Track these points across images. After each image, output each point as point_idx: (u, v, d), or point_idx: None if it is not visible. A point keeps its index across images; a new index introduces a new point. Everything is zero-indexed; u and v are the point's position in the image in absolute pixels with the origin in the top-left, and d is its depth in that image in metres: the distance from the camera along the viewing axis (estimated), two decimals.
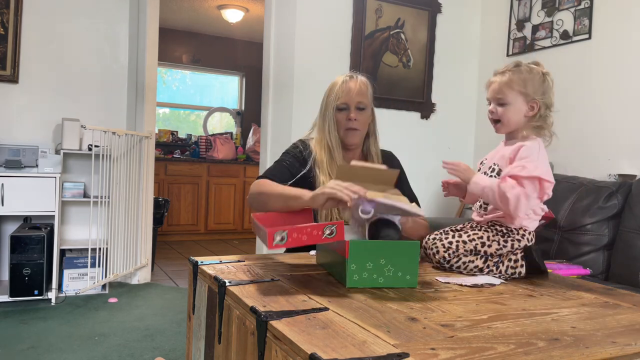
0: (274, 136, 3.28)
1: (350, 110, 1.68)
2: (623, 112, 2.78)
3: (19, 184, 3.00)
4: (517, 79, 1.35)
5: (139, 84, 3.63)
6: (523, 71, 1.35)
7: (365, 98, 1.69)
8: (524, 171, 1.27)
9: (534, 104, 1.36)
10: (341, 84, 1.69)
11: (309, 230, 1.06)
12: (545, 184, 1.30)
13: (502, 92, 1.36)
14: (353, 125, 1.68)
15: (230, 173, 5.92)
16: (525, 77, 1.35)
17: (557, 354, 0.77)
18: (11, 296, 2.95)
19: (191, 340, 1.31)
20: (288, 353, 0.77)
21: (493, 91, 1.38)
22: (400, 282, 1.13)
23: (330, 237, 1.07)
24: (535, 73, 1.36)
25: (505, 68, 1.38)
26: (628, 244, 2.33)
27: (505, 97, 1.36)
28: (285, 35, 3.22)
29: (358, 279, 1.11)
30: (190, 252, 4.96)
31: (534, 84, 1.35)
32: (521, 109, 1.36)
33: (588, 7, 2.95)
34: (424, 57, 3.56)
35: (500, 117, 1.38)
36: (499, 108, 1.37)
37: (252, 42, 6.54)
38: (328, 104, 1.70)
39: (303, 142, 1.77)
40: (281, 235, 1.03)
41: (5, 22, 3.25)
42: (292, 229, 1.05)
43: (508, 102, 1.36)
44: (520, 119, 1.37)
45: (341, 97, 1.67)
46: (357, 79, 1.70)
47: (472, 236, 1.34)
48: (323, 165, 1.68)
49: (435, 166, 3.63)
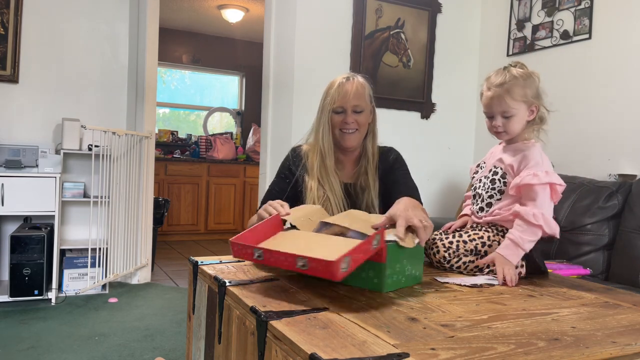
0: (274, 136, 3.28)
1: (346, 113, 1.65)
2: (623, 112, 2.78)
3: (19, 184, 3.00)
4: (518, 89, 1.33)
5: (139, 84, 3.63)
6: (519, 79, 1.33)
7: (362, 100, 1.66)
8: (535, 179, 1.28)
9: (533, 108, 1.36)
10: (337, 87, 1.65)
11: (362, 247, 1.01)
12: (558, 187, 1.31)
13: (506, 104, 1.33)
14: (349, 127, 1.65)
15: (230, 173, 5.92)
16: (523, 84, 1.33)
17: (557, 354, 0.77)
18: (11, 296, 2.95)
19: (191, 340, 1.31)
20: (288, 353, 0.77)
21: (496, 105, 1.35)
22: (414, 279, 1.17)
23: (376, 247, 1.04)
24: (529, 77, 1.35)
25: (502, 80, 1.34)
26: (628, 244, 2.33)
27: (510, 109, 1.34)
28: (285, 35, 3.22)
29: (391, 283, 1.11)
30: (190, 252, 4.96)
31: (532, 89, 1.34)
32: (524, 116, 1.36)
33: (588, 7, 2.95)
34: (424, 57, 3.56)
35: (506, 129, 1.36)
36: (503, 120, 1.36)
37: (252, 42, 6.54)
38: (324, 107, 1.67)
39: (294, 150, 1.77)
40: (346, 262, 0.97)
41: (5, 22, 3.25)
42: (350, 252, 0.99)
43: (513, 113, 1.34)
44: (523, 126, 1.37)
45: (337, 101, 1.64)
46: (354, 80, 1.66)
47: (473, 236, 1.34)
48: (313, 171, 1.66)
49: (435, 166, 3.65)
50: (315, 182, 1.64)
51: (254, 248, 1.07)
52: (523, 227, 1.27)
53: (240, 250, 1.10)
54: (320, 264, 0.96)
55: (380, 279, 1.09)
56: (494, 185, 1.38)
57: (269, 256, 1.04)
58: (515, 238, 1.26)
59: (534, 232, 1.27)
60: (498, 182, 1.38)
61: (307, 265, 0.97)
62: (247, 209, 5.99)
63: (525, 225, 1.27)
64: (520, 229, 1.27)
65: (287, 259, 1.02)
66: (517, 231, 1.27)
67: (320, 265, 0.96)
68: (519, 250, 1.26)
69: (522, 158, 1.34)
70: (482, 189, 1.42)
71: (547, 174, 1.29)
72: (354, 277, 1.11)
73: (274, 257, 1.04)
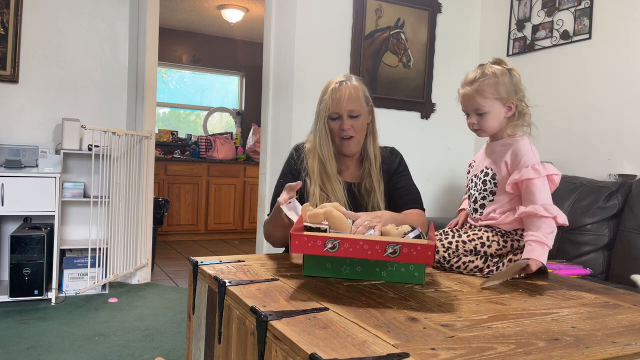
0: (274, 136, 3.28)
1: (342, 119, 1.62)
2: (623, 112, 2.78)
3: (19, 184, 3.00)
4: (488, 87, 1.33)
5: (139, 84, 3.63)
6: (491, 76, 1.34)
7: (358, 104, 1.63)
8: (535, 173, 1.28)
9: (510, 104, 1.36)
10: (330, 92, 1.62)
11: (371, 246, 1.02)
12: (555, 177, 1.32)
13: (477, 102, 1.35)
14: (347, 134, 1.63)
15: (230, 173, 5.92)
16: (494, 81, 1.34)
17: (557, 354, 0.77)
18: (11, 296, 2.95)
19: (191, 340, 1.31)
20: (288, 353, 0.77)
21: (468, 103, 1.37)
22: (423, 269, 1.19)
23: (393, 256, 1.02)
24: (502, 74, 1.35)
25: (473, 77, 1.36)
26: (628, 244, 2.32)
27: (482, 107, 1.35)
28: (285, 35, 3.22)
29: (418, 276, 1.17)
30: (190, 252, 4.96)
31: (505, 85, 1.34)
32: (499, 113, 1.36)
33: (588, 7, 2.95)
34: (424, 57, 3.56)
35: (481, 126, 1.37)
36: (477, 118, 1.37)
37: (252, 42, 6.54)
38: (319, 113, 1.65)
39: (297, 148, 1.75)
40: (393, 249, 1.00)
41: (5, 22, 3.25)
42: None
43: (486, 110, 1.35)
44: (501, 122, 1.37)
45: (332, 107, 1.61)
46: (348, 84, 1.63)
47: (472, 236, 1.34)
48: (314, 176, 1.64)
49: (435, 166, 3.65)
50: (317, 188, 1.63)
51: (328, 239, 1.02)
52: (538, 224, 1.27)
53: (306, 243, 1.03)
54: (414, 248, 0.97)
55: (420, 272, 1.16)
56: (485, 186, 1.38)
57: (347, 246, 1.01)
58: (539, 238, 1.25)
59: (550, 225, 1.27)
60: (489, 184, 1.38)
61: (399, 252, 0.97)
62: (247, 209, 5.99)
63: (540, 222, 1.27)
64: (537, 227, 1.27)
65: (373, 247, 1.00)
66: (536, 230, 1.26)
67: (415, 250, 0.96)
68: (545, 248, 1.26)
69: (512, 153, 1.34)
70: (474, 190, 1.42)
71: (544, 166, 1.30)
72: (393, 273, 1.16)
73: (353, 247, 1.01)
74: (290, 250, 1.06)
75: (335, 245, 1.01)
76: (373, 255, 1.01)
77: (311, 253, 1.05)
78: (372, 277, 1.18)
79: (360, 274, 1.18)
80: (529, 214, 1.28)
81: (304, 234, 1.05)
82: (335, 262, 1.18)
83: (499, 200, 1.36)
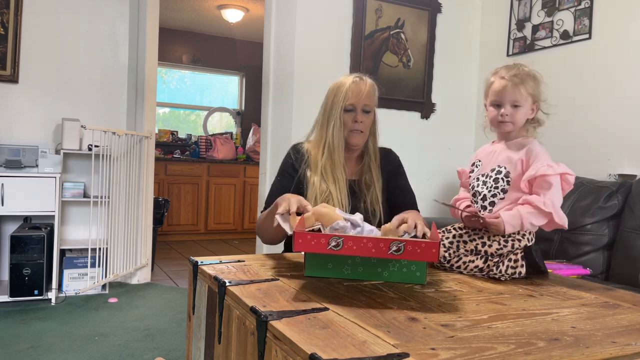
0: (274, 136, 3.28)
1: (356, 112, 1.67)
2: (623, 112, 2.78)
3: (19, 184, 3.00)
4: (532, 82, 1.37)
5: (139, 84, 3.63)
6: (530, 74, 1.37)
7: (372, 101, 1.70)
8: (550, 170, 1.30)
9: (534, 106, 1.39)
10: (350, 84, 1.67)
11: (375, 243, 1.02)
12: (569, 177, 1.33)
13: (519, 94, 1.36)
14: (359, 128, 1.68)
15: (230, 173, 5.92)
16: (534, 80, 1.37)
17: (557, 354, 0.77)
18: (11, 296, 2.95)
19: (191, 340, 1.31)
20: (288, 353, 0.77)
21: (510, 93, 1.36)
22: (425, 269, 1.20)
23: (397, 253, 1.02)
24: (537, 76, 1.39)
25: (516, 71, 1.37)
26: (628, 244, 2.32)
27: (521, 99, 1.36)
28: (285, 35, 3.22)
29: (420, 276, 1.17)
30: (190, 252, 4.96)
31: (539, 88, 1.38)
32: (527, 111, 1.38)
33: (588, 7, 2.95)
34: (424, 57, 3.56)
35: (513, 119, 1.37)
36: (512, 110, 1.37)
37: (252, 42, 6.54)
38: (335, 103, 1.68)
39: (295, 147, 1.78)
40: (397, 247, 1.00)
41: (5, 22, 3.25)
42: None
43: (522, 104, 1.37)
44: (524, 121, 1.39)
45: (350, 98, 1.66)
46: (367, 81, 1.70)
47: (473, 236, 1.34)
48: (317, 166, 1.67)
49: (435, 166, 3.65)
50: (318, 177, 1.65)
51: (332, 237, 1.02)
52: (531, 210, 1.30)
53: (309, 242, 1.03)
54: (418, 246, 0.97)
55: (422, 272, 1.17)
56: (497, 184, 1.38)
57: (351, 244, 1.01)
58: (522, 214, 1.30)
59: (540, 219, 1.30)
60: (502, 182, 1.37)
61: (403, 249, 0.97)
62: (247, 209, 5.99)
63: (534, 211, 1.30)
64: (528, 211, 1.30)
65: (377, 245, 1.00)
66: (525, 210, 1.30)
67: (419, 248, 0.96)
68: (518, 223, 1.30)
69: (528, 151, 1.35)
70: (484, 188, 1.41)
71: (558, 164, 1.32)
72: (395, 273, 1.17)
73: (357, 245, 1.01)
74: (294, 249, 1.06)
75: (339, 243, 1.01)
76: (377, 253, 1.01)
77: (315, 251, 1.04)
78: (374, 278, 1.18)
79: (362, 274, 1.18)
80: (528, 201, 1.31)
81: (308, 233, 1.05)
82: (337, 263, 1.18)
83: (509, 198, 1.36)
